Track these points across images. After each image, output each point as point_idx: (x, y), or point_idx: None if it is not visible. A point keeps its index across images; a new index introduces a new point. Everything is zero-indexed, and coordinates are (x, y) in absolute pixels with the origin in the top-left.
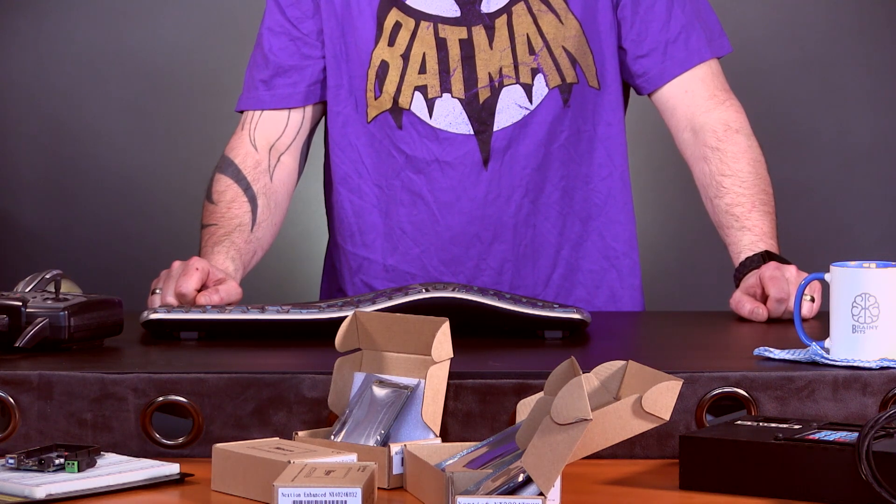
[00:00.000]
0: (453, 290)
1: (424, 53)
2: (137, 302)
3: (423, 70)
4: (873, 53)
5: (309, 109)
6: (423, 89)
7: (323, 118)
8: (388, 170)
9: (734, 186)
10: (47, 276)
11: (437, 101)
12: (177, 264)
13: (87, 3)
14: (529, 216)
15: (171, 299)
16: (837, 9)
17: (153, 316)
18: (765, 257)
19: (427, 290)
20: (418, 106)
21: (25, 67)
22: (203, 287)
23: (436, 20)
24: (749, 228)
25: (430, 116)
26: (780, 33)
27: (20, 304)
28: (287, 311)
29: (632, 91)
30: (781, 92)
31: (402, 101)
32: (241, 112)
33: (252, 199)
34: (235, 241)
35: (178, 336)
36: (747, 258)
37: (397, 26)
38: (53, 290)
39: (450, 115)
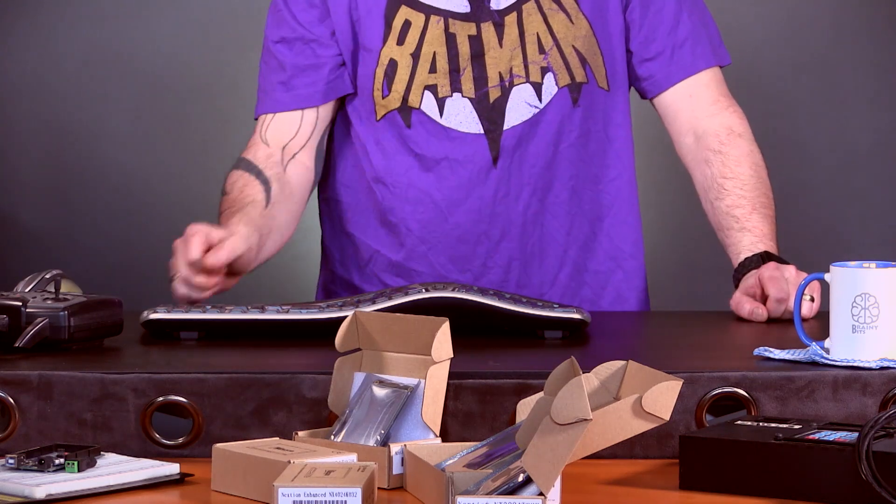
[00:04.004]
0: (453, 290)
1: (434, 52)
2: (137, 302)
3: (433, 69)
4: (873, 54)
5: (324, 108)
6: (433, 88)
7: (336, 115)
8: (395, 168)
9: (735, 189)
10: (47, 276)
11: (448, 101)
12: (177, 241)
13: (87, 4)
14: (538, 215)
15: (185, 271)
16: (838, 10)
17: (153, 316)
18: (764, 258)
19: (427, 290)
20: (428, 105)
21: (25, 68)
22: (209, 250)
23: (446, 15)
24: (749, 230)
25: (441, 115)
26: (780, 34)
27: (20, 304)
28: (287, 311)
29: (632, 93)
30: (781, 93)
31: (412, 100)
32: (257, 119)
33: (265, 182)
34: (249, 212)
35: (178, 336)
36: (746, 258)
37: (407, 24)
38: (53, 290)
39: (460, 115)
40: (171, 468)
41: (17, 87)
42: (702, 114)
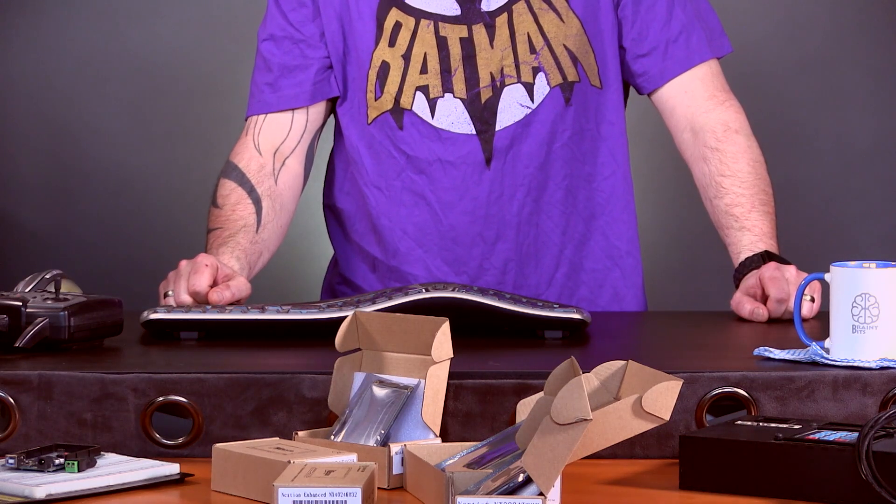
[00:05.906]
0: (453, 290)
1: (425, 53)
2: (137, 302)
3: (424, 70)
4: (874, 54)
5: (314, 110)
6: (424, 89)
7: (328, 118)
8: (388, 171)
9: (734, 187)
10: (47, 276)
11: (439, 101)
12: (184, 263)
13: (87, 3)
14: (532, 215)
15: (186, 297)
16: (838, 9)
17: (153, 316)
18: (764, 257)
19: (427, 290)
20: (420, 106)
21: (25, 67)
22: (214, 284)
23: (436, 18)
24: (749, 229)
25: (432, 116)
26: (780, 33)
27: (20, 304)
28: (287, 311)
29: (631, 91)
30: (781, 92)
31: (404, 102)
32: (247, 120)
33: (256, 202)
34: (240, 241)
35: (178, 336)
36: (747, 258)
37: (397, 26)
38: (53, 290)
39: (452, 115)
40: (171, 468)
41: (17, 86)
42: (698, 109)
